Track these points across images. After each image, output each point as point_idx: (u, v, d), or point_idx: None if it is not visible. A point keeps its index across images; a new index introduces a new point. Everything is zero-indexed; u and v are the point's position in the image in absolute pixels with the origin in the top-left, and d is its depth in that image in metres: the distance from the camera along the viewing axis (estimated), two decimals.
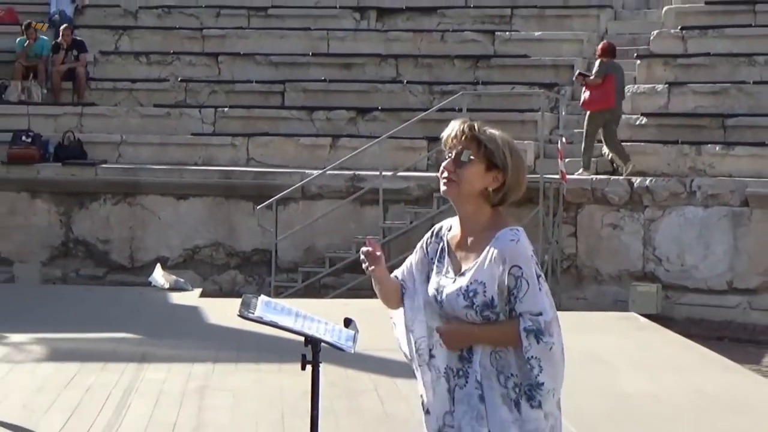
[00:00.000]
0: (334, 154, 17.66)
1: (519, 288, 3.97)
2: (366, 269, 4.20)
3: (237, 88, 19.79)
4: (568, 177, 16.21)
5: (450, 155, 4.08)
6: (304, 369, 4.54)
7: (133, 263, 17.65)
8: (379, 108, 18.87)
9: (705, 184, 16.04)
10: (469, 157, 4.05)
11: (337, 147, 17.95)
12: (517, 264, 3.97)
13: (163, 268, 16.26)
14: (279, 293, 15.77)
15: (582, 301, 16.25)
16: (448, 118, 4.35)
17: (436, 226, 4.30)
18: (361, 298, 14.75)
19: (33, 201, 17.80)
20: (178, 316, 13.53)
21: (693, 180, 16.17)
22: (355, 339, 4.60)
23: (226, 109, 19.18)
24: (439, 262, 4.19)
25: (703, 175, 16.34)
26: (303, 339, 4.52)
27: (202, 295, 15.42)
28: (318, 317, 4.61)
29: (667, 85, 18.10)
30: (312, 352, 4.53)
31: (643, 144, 17.10)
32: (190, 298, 14.90)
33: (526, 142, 16.72)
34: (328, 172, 16.96)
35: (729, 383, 9.94)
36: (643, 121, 17.59)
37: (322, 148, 18.12)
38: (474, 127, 4.08)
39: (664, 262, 16.18)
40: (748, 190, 15.79)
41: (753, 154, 16.44)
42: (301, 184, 16.98)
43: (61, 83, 19.78)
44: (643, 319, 13.56)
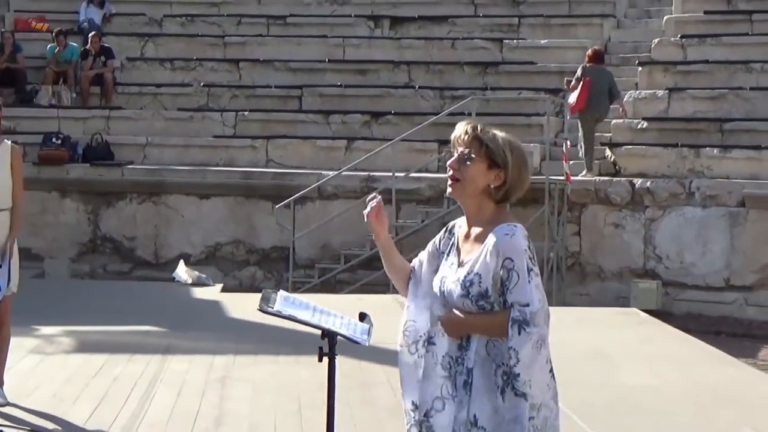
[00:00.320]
0: (349, 156, 17.66)
1: (510, 279, 4.00)
2: (366, 217, 4.31)
3: (257, 93, 19.81)
4: (572, 178, 16.20)
5: (455, 154, 4.14)
6: (321, 361, 4.53)
7: (158, 259, 17.68)
8: (392, 112, 18.87)
9: (703, 186, 16.01)
10: (470, 155, 4.09)
11: (352, 149, 17.95)
12: (509, 257, 4.00)
13: (186, 264, 16.27)
14: (296, 289, 15.77)
15: (585, 297, 16.24)
16: (458, 122, 4.36)
17: (450, 224, 4.34)
18: (374, 294, 14.77)
19: (63, 200, 17.84)
20: (201, 310, 13.54)
21: (692, 181, 16.14)
22: (369, 332, 4.60)
23: (246, 113, 19.20)
24: (447, 256, 4.24)
25: (702, 177, 16.31)
26: (320, 332, 4.52)
27: (223, 290, 15.42)
28: (334, 311, 4.61)
29: (667, 91, 18.06)
30: (329, 345, 4.52)
31: (644, 147, 17.06)
32: (212, 293, 14.90)
33: (532, 145, 16.70)
34: (343, 173, 16.97)
35: (726, 376, 9.91)
36: (644, 125, 17.55)
37: (338, 150, 18.12)
38: (476, 128, 4.14)
39: (664, 259, 16.15)
40: (745, 191, 15.77)
41: (749, 157, 16.40)
42: (317, 184, 16.99)
43: (90, 88, 19.81)
44: (643, 314, 13.53)
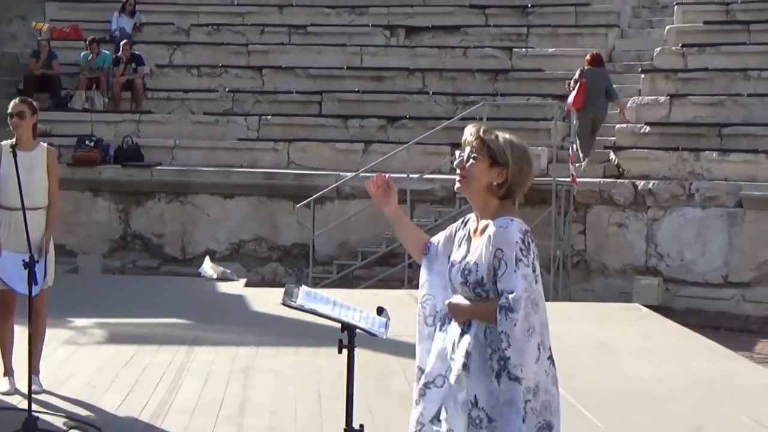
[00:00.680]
0: (366, 158, 17.66)
1: (499, 268, 4.08)
2: (366, 186, 4.51)
3: (279, 98, 19.82)
4: (578, 180, 16.18)
5: (462, 155, 4.25)
6: (340, 353, 4.53)
7: (185, 256, 17.71)
8: (407, 117, 18.87)
9: (703, 187, 15.97)
10: (474, 155, 4.20)
11: (369, 152, 17.95)
12: (500, 247, 4.08)
13: (212, 260, 16.30)
14: (315, 284, 15.76)
15: (590, 293, 16.22)
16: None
17: (466, 217, 4.43)
18: (389, 289, 14.78)
19: (95, 199, 17.88)
20: (225, 304, 13.54)
21: (692, 183, 16.11)
22: (387, 326, 4.60)
23: (268, 117, 19.21)
24: (459, 245, 4.32)
25: (701, 179, 16.27)
26: (340, 325, 4.52)
27: (247, 284, 15.43)
28: (353, 306, 4.61)
29: (668, 97, 18.02)
30: (348, 338, 4.52)
31: (646, 150, 17.03)
32: (236, 287, 14.90)
33: (539, 148, 16.70)
34: (360, 175, 16.93)
35: (724, 369, 9.89)
36: (647, 129, 17.51)
37: (355, 153, 18.12)
38: (480, 130, 4.24)
39: (665, 257, 16.12)
40: (742, 192, 15.73)
41: (747, 160, 16.36)
42: (336, 185, 17.00)
43: (121, 93, 19.85)
44: (645, 309, 13.49)
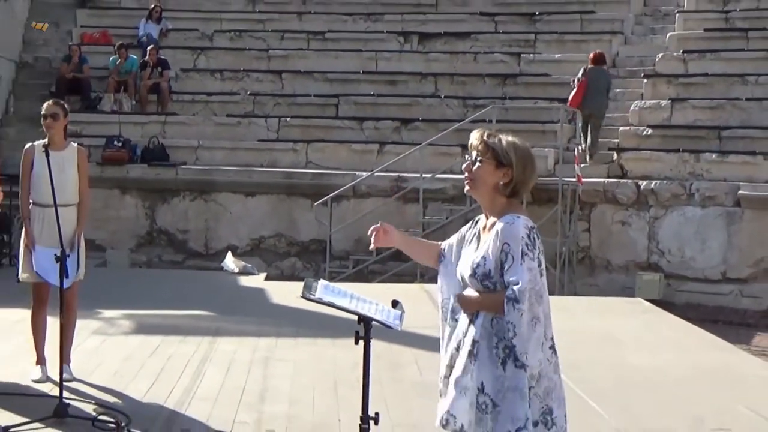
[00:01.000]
0: (381, 159, 17.65)
1: (506, 261, 4.13)
2: (373, 243, 4.52)
3: (297, 101, 19.82)
4: (583, 180, 16.15)
5: (469, 158, 4.32)
6: (357, 344, 4.54)
7: (208, 251, 17.74)
8: (420, 119, 18.86)
9: (703, 187, 15.94)
10: (480, 158, 4.27)
11: (384, 152, 17.94)
12: (507, 242, 4.14)
13: (234, 255, 16.33)
14: (332, 278, 15.76)
15: (594, 288, 16.20)
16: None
17: (476, 218, 4.48)
18: (403, 283, 14.79)
19: (123, 197, 17.92)
20: (246, 297, 13.56)
21: (692, 183, 16.07)
22: (401, 318, 4.60)
23: (288, 119, 19.22)
24: (470, 243, 4.38)
25: (701, 180, 16.23)
26: (356, 317, 4.52)
27: (267, 278, 15.44)
28: (370, 299, 4.62)
29: (670, 101, 17.99)
30: (364, 329, 4.53)
31: (648, 152, 17.00)
32: (257, 281, 14.93)
33: (546, 150, 16.68)
34: (375, 174, 16.97)
35: (722, 360, 9.87)
36: (649, 132, 17.48)
37: (371, 153, 18.12)
38: (485, 134, 4.31)
39: (666, 254, 16.09)
40: (740, 192, 15.70)
41: (745, 161, 16.32)
42: (352, 184, 17.00)
43: (148, 96, 19.88)
44: (647, 303, 13.47)
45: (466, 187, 4.34)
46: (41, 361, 8.17)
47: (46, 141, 7.98)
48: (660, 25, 20.89)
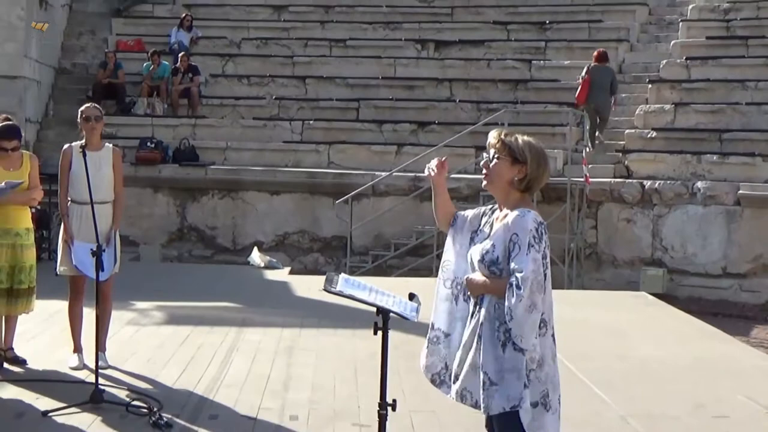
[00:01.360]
0: (399, 159, 17.65)
1: (513, 251, 4.19)
2: (428, 173, 4.54)
3: (320, 105, 19.84)
4: (590, 180, 16.12)
5: (487, 156, 4.40)
6: (375, 334, 4.54)
7: (235, 246, 17.78)
8: (436, 122, 18.85)
9: (704, 187, 15.88)
10: (497, 156, 4.36)
11: (401, 153, 17.94)
12: (515, 232, 4.20)
13: (260, 250, 16.36)
14: (352, 272, 15.78)
15: (601, 282, 16.16)
16: (492, 131, 4.56)
17: (494, 206, 4.51)
18: (420, 277, 14.78)
19: (155, 195, 17.98)
20: (271, 290, 13.57)
21: (694, 183, 16.02)
22: (418, 310, 4.60)
23: (311, 122, 19.25)
24: (483, 228, 4.43)
25: (703, 180, 16.17)
26: (375, 309, 4.52)
27: (291, 272, 15.47)
28: (388, 291, 4.62)
29: (673, 105, 17.93)
30: (383, 321, 4.53)
31: (653, 153, 16.96)
32: (281, 275, 14.94)
33: (555, 151, 16.64)
34: (393, 174, 16.98)
35: (723, 351, 9.83)
36: (653, 134, 17.43)
37: (389, 155, 18.12)
38: (502, 134, 4.42)
39: (669, 250, 16.04)
40: (740, 192, 15.64)
41: (744, 162, 16.25)
42: (371, 183, 17.01)
43: (179, 100, 19.92)
44: (651, 297, 13.44)
45: (484, 182, 4.42)
46: (78, 349, 8.20)
47: (83, 142, 8.01)
48: (664, 33, 20.81)
